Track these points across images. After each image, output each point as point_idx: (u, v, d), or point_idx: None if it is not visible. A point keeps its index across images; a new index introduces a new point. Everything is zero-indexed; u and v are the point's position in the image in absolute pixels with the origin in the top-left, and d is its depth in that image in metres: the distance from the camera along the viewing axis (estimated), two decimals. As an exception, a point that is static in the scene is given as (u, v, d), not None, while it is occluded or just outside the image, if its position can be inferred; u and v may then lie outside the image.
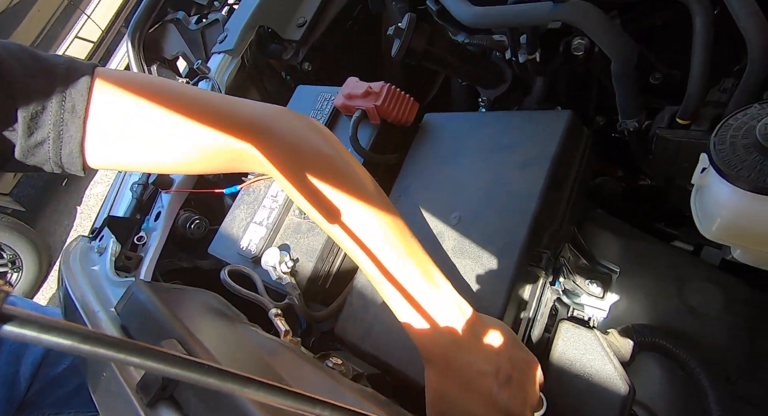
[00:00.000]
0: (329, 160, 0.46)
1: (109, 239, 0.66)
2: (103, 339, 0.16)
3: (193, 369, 0.18)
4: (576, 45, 0.60)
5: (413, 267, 0.43)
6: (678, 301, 0.60)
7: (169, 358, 0.18)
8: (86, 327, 0.16)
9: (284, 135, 0.46)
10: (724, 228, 0.37)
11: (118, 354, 0.16)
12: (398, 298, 0.43)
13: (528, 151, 0.55)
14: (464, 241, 0.55)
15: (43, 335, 0.14)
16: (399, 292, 0.43)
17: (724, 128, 0.35)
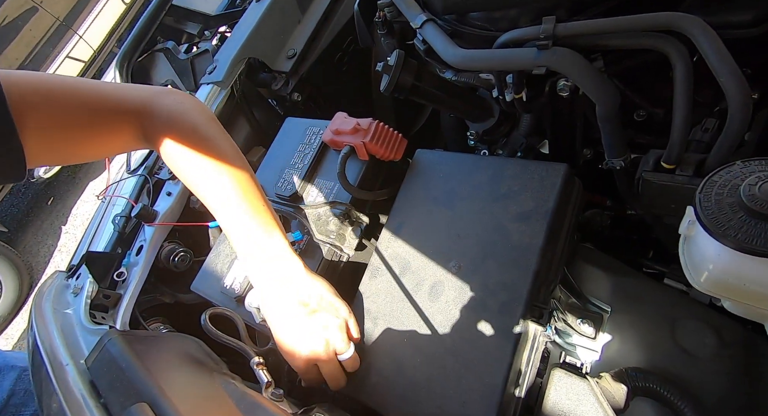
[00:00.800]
0: (200, 133, 0.57)
1: (86, 278, 0.63)
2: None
3: None
4: (561, 86, 0.61)
5: (255, 219, 0.56)
6: (671, 342, 0.59)
7: None
8: None
9: (162, 110, 0.56)
10: (713, 282, 0.37)
11: None
12: (240, 242, 0.56)
13: (526, 203, 0.55)
14: (465, 291, 0.54)
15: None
16: (241, 238, 0.56)
17: (708, 185, 0.35)
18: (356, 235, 0.65)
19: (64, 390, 0.41)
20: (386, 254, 0.61)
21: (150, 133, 0.56)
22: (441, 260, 0.56)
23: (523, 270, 0.50)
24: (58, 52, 3.35)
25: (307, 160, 0.72)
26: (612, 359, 0.60)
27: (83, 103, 0.51)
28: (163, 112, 0.56)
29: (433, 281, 0.55)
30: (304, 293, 0.55)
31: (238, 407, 0.39)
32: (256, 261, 0.55)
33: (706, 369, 0.55)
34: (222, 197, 0.56)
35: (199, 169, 0.56)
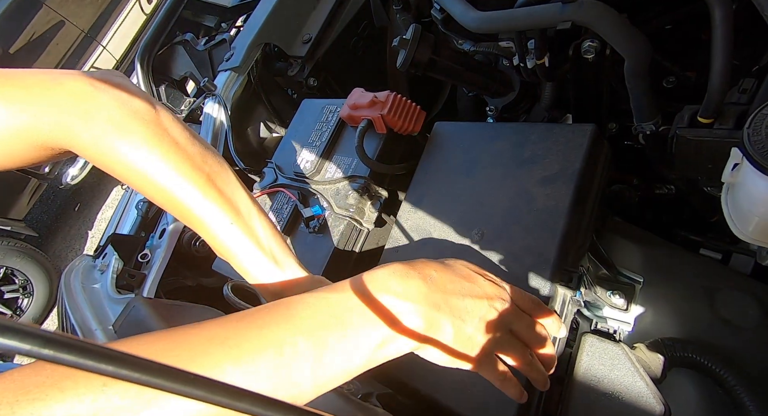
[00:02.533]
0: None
1: (111, 257, 0.64)
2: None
3: (173, 380, 0.16)
4: (586, 47, 0.59)
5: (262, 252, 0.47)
6: (709, 313, 0.56)
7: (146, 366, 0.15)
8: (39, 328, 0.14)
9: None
10: (763, 228, 0.34)
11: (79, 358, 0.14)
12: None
13: (551, 166, 0.53)
14: (489, 258, 0.53)
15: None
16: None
17: (758, 118, 0.32)
18: (375, 209, 0.64)
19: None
20: (407, 226, 0.60)
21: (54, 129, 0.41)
22: (463, 229, 0.54)
23: (549, 232, 0.48)
24: (84, 62, 3.47)
25: (325, 137, 0.72)
26: (646, 331, 0.57)
27: None
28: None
29: (456, 250, 0.54)
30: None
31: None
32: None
33: (749, 339, 0.52)
34: (213, 219, 0.44)
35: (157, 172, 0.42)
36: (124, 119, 0.42)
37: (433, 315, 0.36)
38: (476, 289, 0.39)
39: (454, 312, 0.37)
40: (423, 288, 0.37)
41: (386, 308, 0.35)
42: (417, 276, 0.37)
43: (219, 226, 0.45)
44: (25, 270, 2.91)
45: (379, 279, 0.36)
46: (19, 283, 2.92)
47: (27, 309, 2.94)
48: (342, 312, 0.34)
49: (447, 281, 0.38)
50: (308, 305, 0.34)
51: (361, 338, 0.33)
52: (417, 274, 0.37)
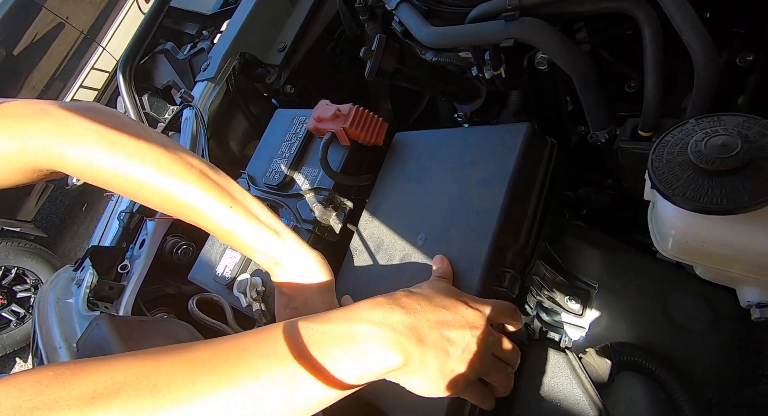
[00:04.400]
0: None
1: (87, 271, 0.67)
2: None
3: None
4: (539, 59, 0.59)
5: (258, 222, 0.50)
6: (663, 317, 0.58)
7: None
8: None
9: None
10: (678, 247, 0.36)
11: None
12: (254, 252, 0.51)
13: (488, 167, 0.54)
14: (429, 262, 0.55)
15: None
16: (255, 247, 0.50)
17: (661, 144, 0.34)
18: (339, 220, 0.66)
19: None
20: (365, 234, 0.62)
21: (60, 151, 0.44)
22: (410, 235, 0.56)
23: (481, 234, 0.49)
24: (84, 63, 3.51)
25: (294, 149, 0.74)
26: (600, 335, 0.58)
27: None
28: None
29: (402, 256, 0.56)
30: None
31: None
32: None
33: (697, 342, 0.53)
34: (212, 209, 0.48)
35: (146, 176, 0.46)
36: (115, 135, 0.45)
37: (415, 349, 0.37)
38: (458, 320, 0.40)
39: (437, 345, 0.38)
40: (406, 321, 0.38)
41: (367, 341, 0.36)
42: (400, 311, 0.38)
43: (218, 213, 0.48)
44: (36, 270, 2.99)
45: (362, 311, 0.38)
46: (31, 283, 3.01)
47: (39, 308, 3.02)
48: (323, 342, 0.35)
49: (430, 313, 0.39)
50: (290, 334, 0.35)
51: (340, 370, 0.35)
52: (400, 308, 0.39)
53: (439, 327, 0.39)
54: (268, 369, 0.33)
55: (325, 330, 0.36)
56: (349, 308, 0.39)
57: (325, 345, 0.35)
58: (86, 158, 0.44)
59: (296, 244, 0.52)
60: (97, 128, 0.45)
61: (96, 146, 0.44)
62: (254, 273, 0.65)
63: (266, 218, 0.51)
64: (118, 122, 0.47)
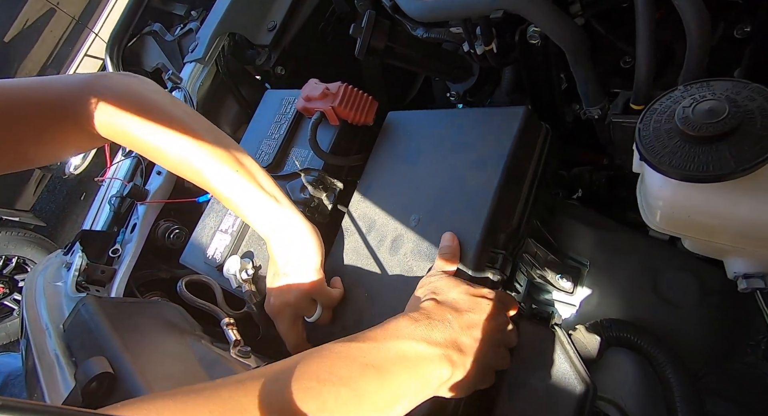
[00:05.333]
0: (159, 107, 0.52)
1: (77, 254, 0.67)
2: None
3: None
4: (531, 33, 0.58)
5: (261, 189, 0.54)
6: (652, 294, 0.58)
7: None
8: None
9: (107, 92, 0.50)
10: (666, 219, 0.35)
11: None
12: (253, 215, 0.54)
13: (483, 150, 0.54)
14: (422, 243, 0.54)
15: None
16: (253, 211, 0.54)
17: (648, 114, 0.33)
18: (330, 201, 0.65)
19: (40, 351, 0.45)
20: (356, 215, 0.61)
21: (102, 120, 0.50)
22: (402, 215, 0.56)
23: (475, 215, 0.49)
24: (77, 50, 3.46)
25: (283, 129, 0.72)
26: (590, 313, 0.59)
27: (26, 100, 0.48)
28: (108, 94, 0.50)
29: (394, 236, 0.56)
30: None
31: (200, 362, 0.42)
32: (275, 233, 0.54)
33: (686, 318, 0.53)
34: (219, 172, 0.51)
35: (171, 144, 0.50)
36: (148, 104, 0.51)
37: (458, 358, 0.40)
38: (482, 319, 0.43)
39: (473, 349, 0.41)
40: (447, 335, 0.40)
41: (421, 358, 0.38)
42: (439, 325, 0.41)
43: (225, 175, 0.52)
44: (36, 260, 3.00)
45: (404, 329, 0.40)
46: (31, 272, 3.02)
47: (40, 297, 3.04)
48: (380, 362, 0.36)
49: (461, 320, 0.42)
50: (342, 355, 0.35)
51: (401, 388, 0.36)
52: (438, 322, 0.41)
53: (470, 331, 0.42)
54: (334, 393, 0.32)
55: (378, 348, 0.37)
56: (389, 326, 0.40)
57: (383, 365, 0.36)
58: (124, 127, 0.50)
59: (293, 212, 0.55)
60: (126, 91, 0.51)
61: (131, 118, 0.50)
62: (244, 255, 0.65)
63: (268, 186, 0.55)
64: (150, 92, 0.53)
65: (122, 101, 0.50)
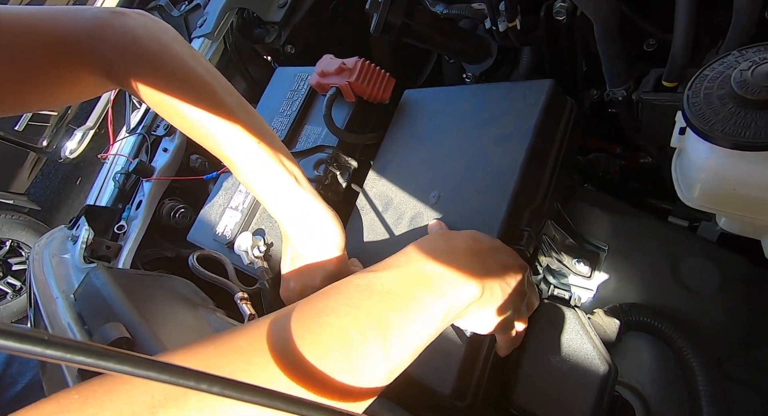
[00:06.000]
0: (175, 53, 0.46)
1: (83, 228, 0.65)
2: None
3: (110, 360, 0.16)
4: (557, 8, 0.56)
5: (280, 166, 0.48)
6: (672, 280, 0.57)
7: (87, 349, 0.16)
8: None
9: (124, 32, 0.45)
10: (706, 193, 0.34)
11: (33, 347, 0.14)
12: (269, 194, 0.48)
13: (507, 125, 0.52)
14: (443, 220, 0.53)
15: None
16: (269, 189, 0.47)
17: (698, 80, 0.31)
18: (344, 179, 0.64)
19: (52, 320, 0.43)
20: (371, 193, 0.60)
21: (115, 63, 0.46)
22: (422, 193, 0.55)
23: (500, 192, 0.48)
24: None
25: (296, 106, 0.71)
26: (608, 297, 0.58)
27: (32, 33, 0.43)
28: (125, 36, 0.45)
29: (413, 213, 0.54)
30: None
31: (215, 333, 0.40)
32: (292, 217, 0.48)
33: (706, 305, 0.53)
34: (238, 140, 0.46)
35: (188, 103, 0.45)
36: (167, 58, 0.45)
37: (486, 279, 0.37)
38: (506, 249, 0.42)
39: (500, 275, 0.39)
40: (468, 257, 0.38)
41: (444, 276, 0.35)
42: (463, 246, 0.39)
43: (245, 146, 0.46)
44: (30, 243, 2.97)
45: (426, 251, 0.37)
46: (26, 256, 2.99)
47: (35, 281, 3.02)
48: (399, 287, 0.33)
49: (483, 244, 0.41)
50: (361, 287, 0.33)
51: (427, 310, 0.33)
52: (458, 239, 0.39)
53: (494, 254, 0.40)
54: (359, 330, 0.30)
55: (395, 276, 0.34)
56: (409, 251, 0.38)
57: (403, 290, 0.33)
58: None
59: (313, 195, 0.49)
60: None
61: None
62: (256, 232, 0.63)
63: (289, 164, 0.49)
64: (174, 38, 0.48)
65: (139, 46, 0.44)
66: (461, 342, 0.44)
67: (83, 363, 0.14)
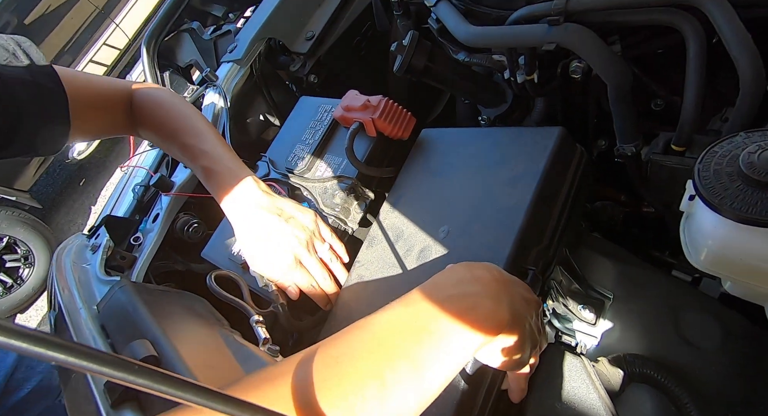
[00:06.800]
0: (173, 105, 0.67)
1: (103, 238, 0.67)
2: (51, 342, 0.16)
3: (143, 376, 0.18)
4: (573, 68, 0.60)
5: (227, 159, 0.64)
6: (674, 333, 0.58)
7: (119, 364, 0.17)
8: (38, 330, 0.16)
9: (144, 97, 0.67)
10: (712, 259, 0.36)
11: (68, 357, 0.16)
12: (217, 184, 0.63)
13: (517, 167, 0.55)
14: (451, 254, 0.55)
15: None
16: (219, 180, 0.63)
17: (709, 155, 0.34)
18: (361, 209, 0.66)
19: (77, 330, 0.44)
20: (384, 224, 0.62)
21: (136, 115, 0.66)
22: (431, 227, 0.57)
23: (507, 229, 0.50)
24: (96, 39, 3.49)
25: (318, 136, 0.74)
26: (612, 346, 0.59)
27: (97, 89, 0.63)
28: (146, 96, 0.66)
29: (422, 247, 0.56)
30: (273, 204, 0.62)
31: (234, 355, 0.41)
32: (230, 196, 0.62)
33: (708, 360, 0.54)
34: (198, 153, 0.63)
35: (176, 134, 0.64)
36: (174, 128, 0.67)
37: (512, 308, 0.37)
38: (524, 285, 0.42)
39: (522, 305, 0.39)
40: (494, 285, 0.38)
41: (474, 304, 0.35)
42: (488, 275, 0.39)
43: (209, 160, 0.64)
44: (27, 241, 2.96)
45: (452, 282, 0.37)
46: (21, 253, 2.97)
47: (27, 279, 2.99)
48: (427, 323, 0.33)
49: (506, 278, 0.41)
50: (390, 324, 0.34)
51: (454, 344, 0.33)
52: (486, 273, 0.39)
53: (515, 286, 0.40)
54: (392, 369, 0.30)
55: (422, 311, 0.34)
56: (432, 285, 0.38)
57: (431, 325, 0.33)
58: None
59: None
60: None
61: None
62: (271, 255, 0.65)
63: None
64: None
65: (156, 108, 0.66)
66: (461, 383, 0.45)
67: (161, 390, 0.16)
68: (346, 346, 0.32)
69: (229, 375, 0.37)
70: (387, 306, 0.37)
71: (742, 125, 0.40)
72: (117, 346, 0.39)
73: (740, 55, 0.38)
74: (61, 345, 0.15)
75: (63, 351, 0.14)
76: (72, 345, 0.15)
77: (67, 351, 0.14)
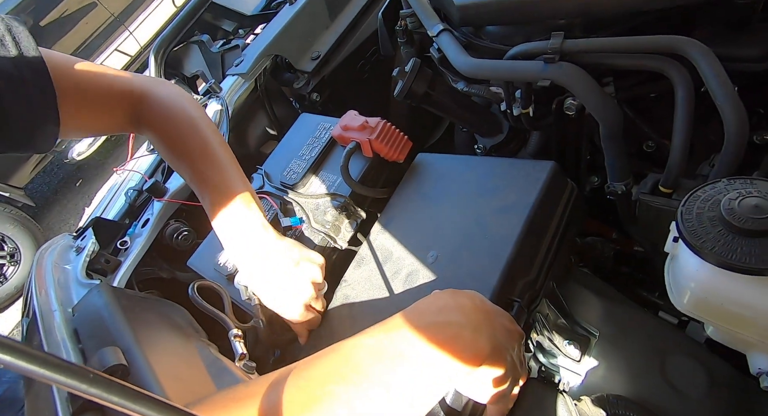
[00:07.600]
0: (194, 123, 0.60)
1: (89, 239, 0.66)
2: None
3: (97, 386, 0.17)
4: (568, 104, 0.61)
5: (239, 200, 0.58)
6: (660, 377, 0.57)
7: (74, 371, 0.17)
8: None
9: (158, 98, 0.60)
10: (695, 302, 0.36)
11: (28, 365, 0.15)
12: (223, 223, 0.58)
13: (509, 197, 0.55)
14: (438, 280, 0.54)
15: None
16: (225, 218, 0.58)
17: (692, 199, 0.35)
18: (352, 228, 0.66)
19: (47, 333, 0.43)
20: (374, 244, 0.62)
21: (143, 118, 0.60)
22: (420, 251, 0.57)
23: (495, 259, 0.50)
24: (108, 44, 3.56)
25: (315, 152, 0.74)
26: (596, 385, 0.58)
27: (98, 84, 0.57)
28: (159, 100, 0.60)
29: (410, 270, 0.56)
30: (288, 251, 0.58)
31: (207, 369, 0.40)
32: (237, 236, 0.58)
33: (693, 408, 0.53)
34: (209, 182, 0.58)
35: (190, 155, 0.59)
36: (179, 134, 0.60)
37: (494, 338, 0.37)
38: (507, 315, 0.41)
39: (505, 336, 0.38)
40: (476, 314, 0.37)
41: (457, 333, 0.35)
42: (470, 303, 0.38)
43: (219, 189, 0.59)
44: (16, 238, 2.91)
45: (435, 309, 0.37)
46: (8, 250, 2.92)
47: (11, 277, 2.93)
48: (405, 349, 0.33)
49: (488, 308, 0.40)
50: (368, 349, 0.33)
51: (432, 373, 0.33)
52: (469, 301, 0.39)
53: (498, 316, 0.39)
54: (362, 395, 0.30)
55: (403, 338, 0.34)
56: (415, 311, 0.37)
57: (415, 348, 0.33)
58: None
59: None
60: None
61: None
62: (256, 269, 0.64)
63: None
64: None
65: (170, 115, 0.60)
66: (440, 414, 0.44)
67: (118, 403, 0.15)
68: (319, 370, 0.32)
69: (200, 390, 0.36)
70: (367, 329, 0.36)
71: (727, 172, 0.41)
72: (87, 352, 0.38)
73: (725, 105, 0.39)
74: (11, 347, 0.14)
75: (10, 353, 0.14)
76: (23, 347, 0.14)
77: (15, 354, 0.14)
